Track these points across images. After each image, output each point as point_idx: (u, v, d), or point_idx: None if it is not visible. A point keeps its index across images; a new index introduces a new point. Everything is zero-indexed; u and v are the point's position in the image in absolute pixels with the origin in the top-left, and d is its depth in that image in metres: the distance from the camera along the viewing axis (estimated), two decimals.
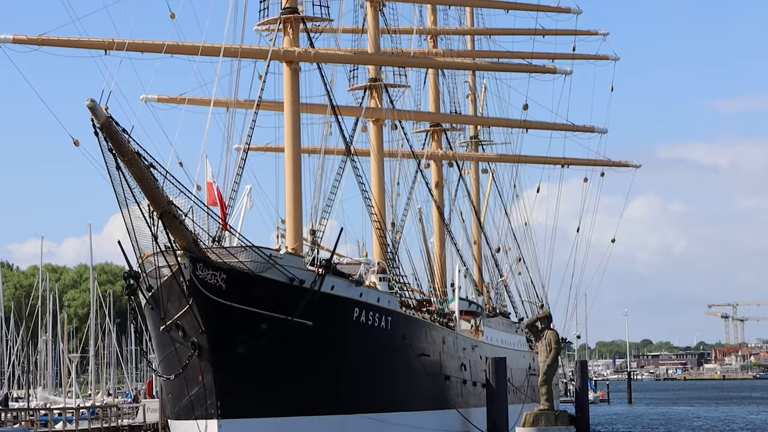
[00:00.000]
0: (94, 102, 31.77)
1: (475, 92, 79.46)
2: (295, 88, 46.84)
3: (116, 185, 33.54)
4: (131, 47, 44.32)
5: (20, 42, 43.80)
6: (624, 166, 69.89)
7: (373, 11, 56.53)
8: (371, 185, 53.16)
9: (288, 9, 46.95)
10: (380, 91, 55.89)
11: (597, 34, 66.01)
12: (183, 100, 49.77)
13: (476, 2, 70.70)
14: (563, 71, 59.79)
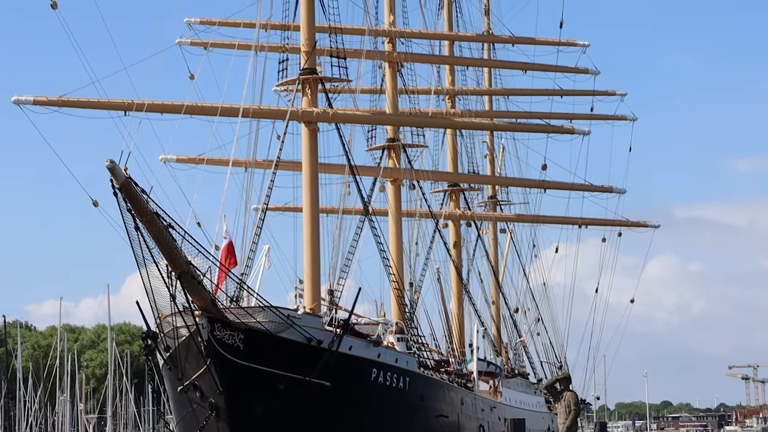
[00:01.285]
0: (113, 163, 31.89)
1: (493, 152, 79.61)
2: (313, 148, 46.97)
3: (135, 245, 33.55)
4: (151, 108, 44.57)
5: (40, 103, 44.09)
6: (642, 226, 69.74)
7: (391, 72, 56.83)
8: (389, 245, 53.12)
9: (307, 70, 47.20)
10: (398, 151, 56.01)
11: (615, 95, 66.16)
12: (202, 161, 49.95)
13: (494, 63, 71.13)
14: (581, 131, 59.93)
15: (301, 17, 47.46)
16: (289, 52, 47.92)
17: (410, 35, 57.70)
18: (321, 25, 48.06)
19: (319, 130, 47.47)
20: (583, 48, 63.90)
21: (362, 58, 54.36)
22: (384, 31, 56.37)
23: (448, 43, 66.18)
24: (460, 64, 66.76)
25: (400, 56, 56.86)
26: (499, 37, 67.20)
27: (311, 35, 47.33)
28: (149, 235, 33.14)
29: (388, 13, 56.82)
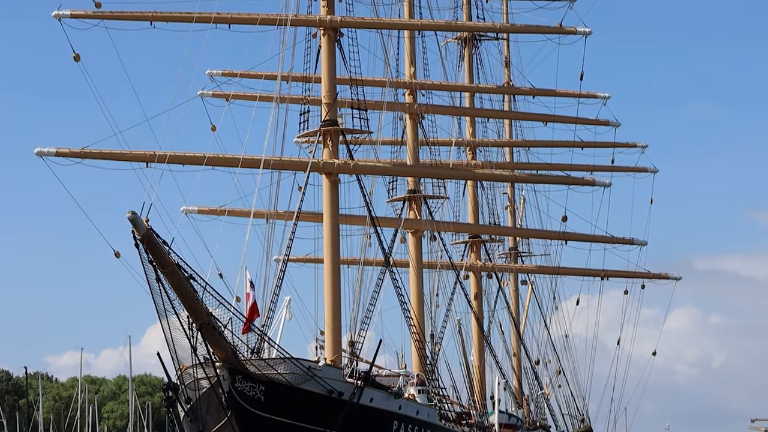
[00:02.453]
0: (135, 214, 31.98)
1: (514, 203, 79.55)
2: (334, 199, 47.03)
3: (156, 296, 33.60)
4: (172, 159, 44.74)
5: (63, 155, 44.34)
6: (664, 278, 69.40)
7: (412, 123, 56.96)
8: (410, 296, 53.01)
9: (328, 121, 47.34)
10: (419, 203, 56.04)
11: (636, 147, 66.18)
12: (223, 212, 50.05)
13: (515, 115, 71.25)
14: (602, 183, 59.89)
15: (322, 69, 47.67)
16: (311, 103, 48.11)
17: (431, 87, 57.88)
18: (342, 77, 48.26)
19: (340, 182, 47.54)
20: (604, 100, 63.98)
21: (383, 109, 54.55)
22: (405, 83, 56.54)
23: (469, 95, 66.33)
24: (480, 116, 66.89)
25: (421, 108, 57.01)
26: (519, 89, 67.36)
27: (332, 87, 47.52)
28: (170, 287, 33.18)
29: (409, 65, 57.04)
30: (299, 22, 47.34)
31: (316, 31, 48.09)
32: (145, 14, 45.72)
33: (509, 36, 72.34)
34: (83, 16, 44.84)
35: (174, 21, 46.02)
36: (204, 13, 45.87)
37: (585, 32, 51.14)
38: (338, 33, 47.87)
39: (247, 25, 46.80)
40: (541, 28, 52.04)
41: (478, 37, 66.98)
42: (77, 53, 43.45)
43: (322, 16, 47.73)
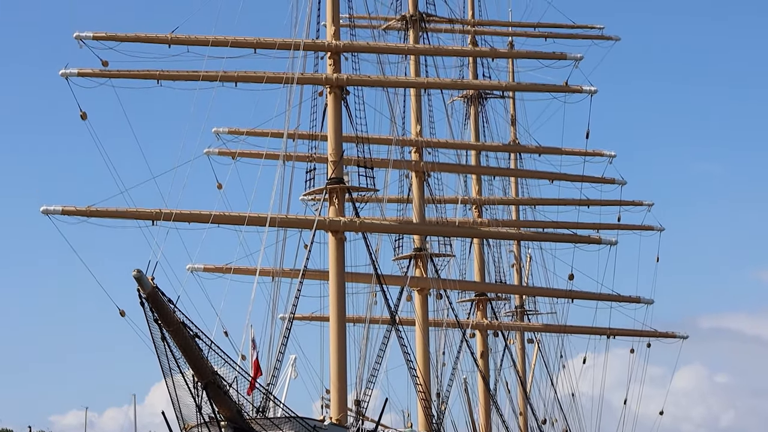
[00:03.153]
0: (140, 272, 31.90)
1: (520, 262, 79.34)
2: (340, 257, 46.95)
3: (161, 355, 33.43)
4: (178, 218, 44.73)
5: (69, 213, 44.33)
6: (671, 337, 69.08)
7: (418, 181, 56.97)
8: (416, 355, 52.75)
9: (334, 179, 47.37)
10: (425, 261, 55.92)
11: (642, 205, 66.12)
12: (229, 270, 49.94)
13: (521, 173, 71.27)
14: (608, 242, 59.77)
15: (328, 127, 47.77)
16: (317, 161, 48.18)
17: (437, 145, 57.95)
18: (348, 135, 48.35)
19: (346, 240, 47.48)
20: (610, 158, 64.03)
21: (389, 167, 54.59)
22: (411, 141, 56.62)
23: (475, 153, 66.39)
24: (486, 174, 66.90)
25: (427, 166, 57.04)
26: (525, 147, 67.42)
27: (338, 145, 47.60)
28: (176, 345, 33.01)
29: (415, 123, 57.15)
30: (306, 80, 47.52)
31: (322, 89, 48.26)
32: (152, 73, 45.90)
33: (515, 94, 72.59)
34: (90, 75, 45.04)
35: (181, 80, 46.22)
36: (211, 71, 46.05)
37: (590, 91, 51.28)
38: (344, 91, 48.02)
39: (254, 83, 46.97)
40: (547, 86, 52.20)
41: (484, 95, 67.17)
42: (84, 111, 43.64)
43: (328, 74, 47.89)
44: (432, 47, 56.95)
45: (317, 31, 48.25)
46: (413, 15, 58.50)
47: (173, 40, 46.15)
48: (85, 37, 44.91)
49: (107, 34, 45.43)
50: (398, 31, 58.98)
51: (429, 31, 59.23)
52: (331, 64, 48.28)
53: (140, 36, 46.04)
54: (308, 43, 47.39)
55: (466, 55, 63.91)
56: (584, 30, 64.47)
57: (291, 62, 46.82)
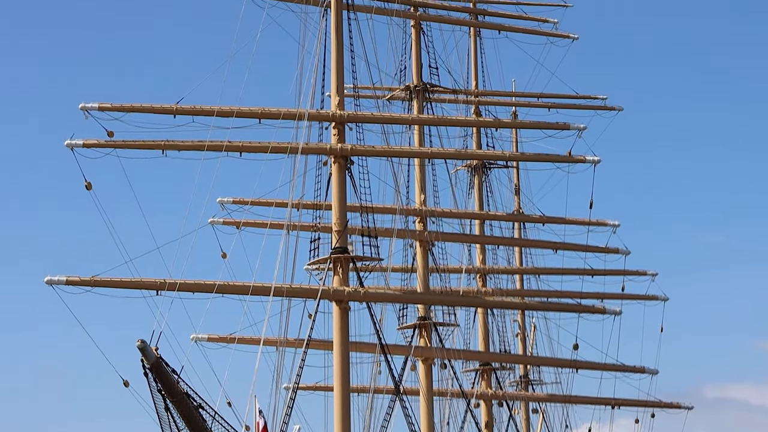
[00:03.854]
0: (144, 343, 31.89)
1: (525, 331, 79.15)
2: (344, 327, 46.89)
3: (164, 425, 33.33)
4: (182, 287, 44.72)
5: (73, 283, 44.30)
6: (676, 407, 68.71)
7: (422, 251, 57.01)
8: (421, 425, 52.51)
9: (338, 249, 47.42)
10: (430, 330, 55.81)
11: (646, 275, 66.08)
12: (233, 340, 49.86)
13: (525, 242, 71.28)
14: (612, 311, 59.76)
15: (332, 197, 47.90)
16: (321, 231, 48.27)
17: (441, 214, 58.07)
18: (352, 204, 48.48)
19: (350, 309, 47.44)
20: (614, 228, 64.11)
21: (393, 237, 54.64)
22: (415, 210, 56.75)
23: (479, 222, 66.49)
24: (490, 243, 66.94)
25: (431, 235, 57.11)
26: (529, 217, 67.52)
27: (343, 214, 47.71)
28: (179, 415, 32.91)
29: (419, 192, 57.32)
30: (310, 150, 47.73)
31: (326, 158, 48.45)
32: (157, 143, 46.11)
33: (519, 164, 72.85)
34: (95, 146, 45.24)
35: (186, 149, 46.41)
36: (216, 141, 46.27)
37: (594, 161, 51.49)
38: (349, 161, 48.21)
39: (259, 153, 47.18)
40: (551, 156, 52.43)
41: (488, 165, 67.41)
42: (89, 182, 43.80)
43: (332, 144, 48.12)
44: (436, 117, 57.26)
45: (322, 101, 48.56)
46: (417, 85, 58.93)
47: (178, 111, 46.43)
48: (91, 108, 45.19)
49: (112, 105, 45.70)
50: (402, 101, 59.36)
51: (433, 101, 59.62)
52: (336, 134, 48.53)
53: (145, 107, 46.33)
54: (313, 114, 47.67)
55: (470, 125, 64.20)
56: (587, 100, 64.80)
57: (295, 132, 47.15)
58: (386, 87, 57.88)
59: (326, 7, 48.72)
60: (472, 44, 67.36)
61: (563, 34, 63.95)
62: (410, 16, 59.09)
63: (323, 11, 48.71)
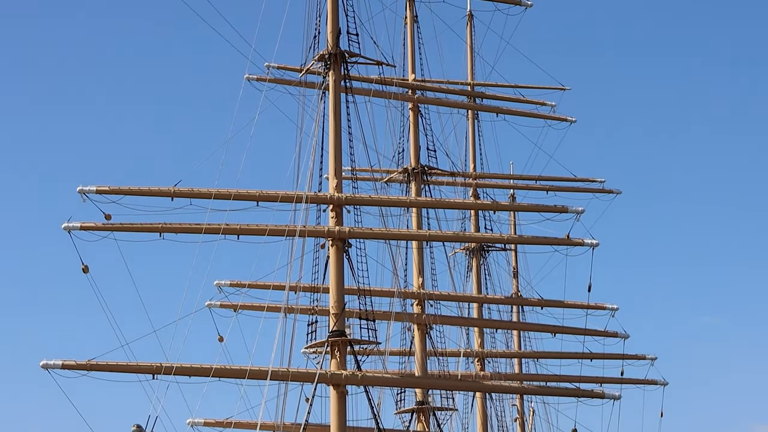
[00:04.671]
0: (140, 428, 31.64)
1: (523, 415, 78.61)
2: (342, 411, 46.43)
3: None
4: (179, 371, 44.34)
5: (69, 367, 43.91)
6: None
7: (420, 334, 56.73)
8: None
9: (336, 332, 47.09)
10: (428, 415, 55.33)
11: (645, 359, 65.75)
12: (230, 424, 49.39)
13: (523, 326, 71.06)
14: (612, 396, 59.14)
15: (330, 280, 47.67)
16: (318, 314, 47.96)
17: (439, 297, 57.87)
18: (350, 288, 48.22)
19: (347, 393, 47.02)
20: (612, 311, 63.86)
21: (391, 320, 54.42)
22: (413, 294, 56.56)
23: (477, 305, 66.29)
24: (489, 327, 66.67)
25: (429, 318, 56.86)
26: (527, 300, 67.32)
27: (340, 298, 47.45)
28: None
29: (417, 275, 57.17)
30: (308, 233, 47.55)
31: (324, 241, 48.30)
32: (154, 226, 45.97)
33: (517, 246, 72.79)
34: (93, 228, 45.09)
35: (183, 232, 46.27)
36: (213, 224, 46.14)
37: (592, 244, 51.38)
38: (347, 243, 48.06)
39: (256, 235, 47.06)
40: (549, 239, 52.29)
41: (486, 248, 67.38)
42: (86, 265, 43.64)
43: (330, 227, 48.00)
44: (434, 200, 57.21)
45: (320, 184, 48.50)
46: (415, 168, 59.07)
47: (176, 193, 46.36)
48: (89, 191, 45.11)
49: (110, 188, 45.62)
50: (400, 184, 59.44)
51: (431, 183, 59.72)
52: (333, 216, 48.43)
53: (143, 189, 46.26)
54: (311, 196, 47.59)
55: (468, 207, 64.22)
56: (585, 183, 65.03)
57: (293, 215, 47.03)
58: (384, 169, 58.01)
59: (324, 89, 48.86)
60: (470, 127, 67.75)
61: (561, 117, 64.26)
62: (408, 99, 59.39)
63: (321, 93, 48.85)
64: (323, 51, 48.59)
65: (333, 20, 48.77)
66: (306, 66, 49.08)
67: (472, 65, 68.50)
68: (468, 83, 67.40)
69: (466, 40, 69.00)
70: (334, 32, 48.62)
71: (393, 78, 55.51)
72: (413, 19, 60.32)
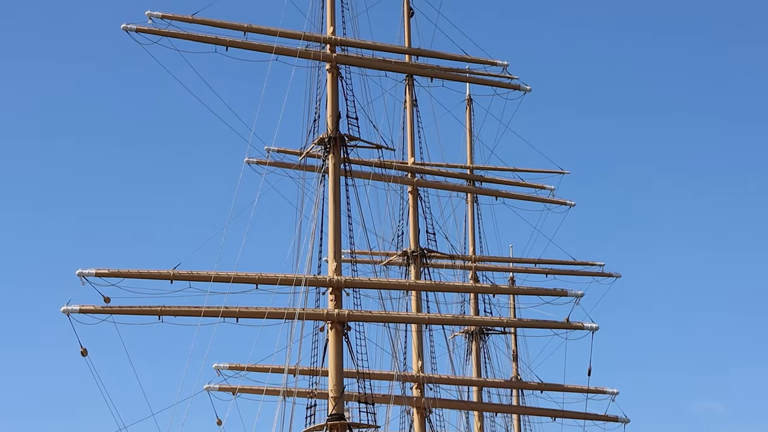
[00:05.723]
0: None
1: None
2: None
3: None
4: None
5: None
6: None
7: (419, 417, 56.48)
8: None
9: (335, 416, 46.84)
10: None
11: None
12: None
13: (523, 410, 70.73)
14: None
15: (329, 363, 47.52)
16: (317, 397, 47.73)
17: (438, 381, 57.69)
18: (349, 371, 48.07)
19: None
20: (612, 396, 63.50)
21: (390, 403, 54.17)
22: (412, 377, 56.36)
23: (477, 389, 66.02)
24: (488, 410, 66.39)
25: (429, 402, 56.59)
26: (527, 384, 66.98)
27: (339, 381, 47.27)
28: None
29: (417, 359, 57.05)
30: (307, 316, 47.52)
31: (323, 324, 48.23)
32: (153, 309, 45.91)
33: (516, 330, 72.66)
34: (92, 312, 45.04)
35: (182, 315, 46.24)
36: (212, 307, 46.10)
37: (592, 328, 51.28)
38: (346, 326, 48.00)
39: (255, 318, 46.99)
40: (548, 323, 52.20)
41: (486, 331, 67.28)
42: (84, 348, 43.60)
43: (329, 310, 47.98)
44: (433, 283, 57.24)
45: (319, 266, 48.56)
46: (414, 251, 59.18)
47: (175, 276, 46.35)
48: (88, 274, 45.11)
49: (110, 271, 45.62)
50: (400, 266, 59.49)
51: (430, 266, 59.79)
52: (333, 299, 48.41)
53: (143, 272, 46.23)
54: (310, 279, 47.62)
55: (467, 291, 64.25)
56: (585, 267, 65.10)
57: (293, 297, 47.03)
58: (384, 252, 58.06)
59: (324, 172, 49.09)
60: (470, 210, 67.93)
61: (560, 200, 64.51)
62: (408, 182, 59.67)
63: (321, 176, 49.09)
64: (323, 134, 48.92)
65: (333, 104, 49.16)
66: (306, 149, 49.38)
67: (471, 148, 68.87)
68: (467, 166, 67.74)
69: (466, 124, 69.45)
70: (334, 116, 48.99)
71: (392, 161, 55.88)
72: (412, 103, 60.75)
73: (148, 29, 47.25)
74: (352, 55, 50.45)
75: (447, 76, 54.30)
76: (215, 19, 48.60)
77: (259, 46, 49.00)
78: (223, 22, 48.71)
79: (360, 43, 50.80)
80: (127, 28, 47.00)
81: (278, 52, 48.83)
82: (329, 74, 49.59)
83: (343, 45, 50.23)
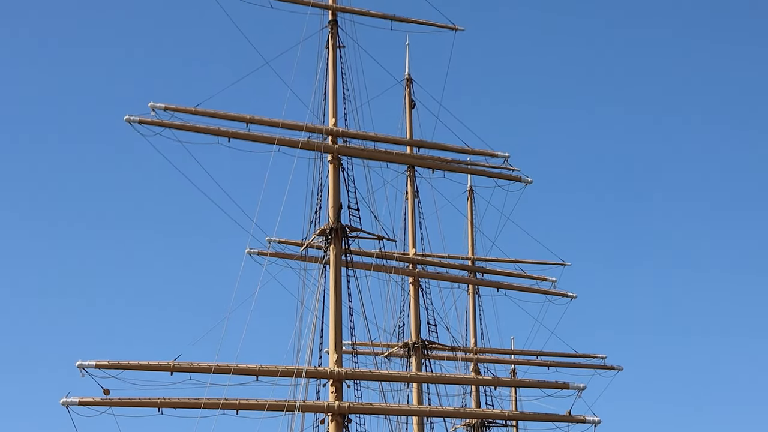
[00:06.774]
0: None
1: None
2: None
3: None
4: None
5: None
6: None
7: None
8: None
9: None
10: None
11: None
12: None
13: None
14: None
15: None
16: None
17: None
18: None
19: None
20: None
21: None
22: None
23: None
24: None
25: None
26: None
27: None
28: None
29: None
30: (308, 408, 47.21)
31: (324, 416, 47.91)
32: (153, 401, 45.39)
33: (518, 423, 72.13)
34: (91, 404, 44.71)
35: (182, 407, 45.87)
36: (212, 399, 45.77)
37: (594, 421, 50.93)
38: (346, 419, 47.71)
39: (256, 410, 46.66)
40: (550, 416, 51.77)
41: (488, 424, 66.74)
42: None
43: (330, 401, 47.67)
44: (434, 375, 56.83)
45: (320, 358, 48.30)
46: (416, 342, 58.88)
47: (175, 368, 46.07)
48: (88, 365, 44.84)
49: (109, 363, 45.33)
50: (401, 358, 59.15)
51: (431, 358, 59.45)
52: (333, 391, 48.12)
53: (143, 364, 45.95)
54: (311, 371, 47.35)
55: (469, 383, 63.87)
56: (587, 359, 64.79)
57: (293, 389, 46.71)
58: (385, 343, 57.82)
59: (325, 263, 49.02)
60: (471, 301, 67.78)
61: (562, 292, 64.38)
62: (409, 273, 59.56)
63: (322, 268, 49.01)
64: (324, 225, 48.93)
65: (335, 195, 49.23)
66: (307, 240, 49.35)
67: (473, 240, 68.91)
68: (468, 258, 67.73)
69: (467, 215, 69.55)
70: (336, 207, 49.04)
71: (394, 252, 55.79)
72: (414, 194, 60.85)
73: (150, 120, 47.37)
74: (353, 147, 50.60)
75: (448, 167, 54.42)
76: (218, 111, 48.75)
77: (261, 138, 49.06)
78: (226, 114, 48.87)
79: (362, 134, 50.97)
80: (130, 119, 47.14)
81: (280, 143, 48.92)
82: (331, 165, 49.74)
83: (344, 136, 50.42)
